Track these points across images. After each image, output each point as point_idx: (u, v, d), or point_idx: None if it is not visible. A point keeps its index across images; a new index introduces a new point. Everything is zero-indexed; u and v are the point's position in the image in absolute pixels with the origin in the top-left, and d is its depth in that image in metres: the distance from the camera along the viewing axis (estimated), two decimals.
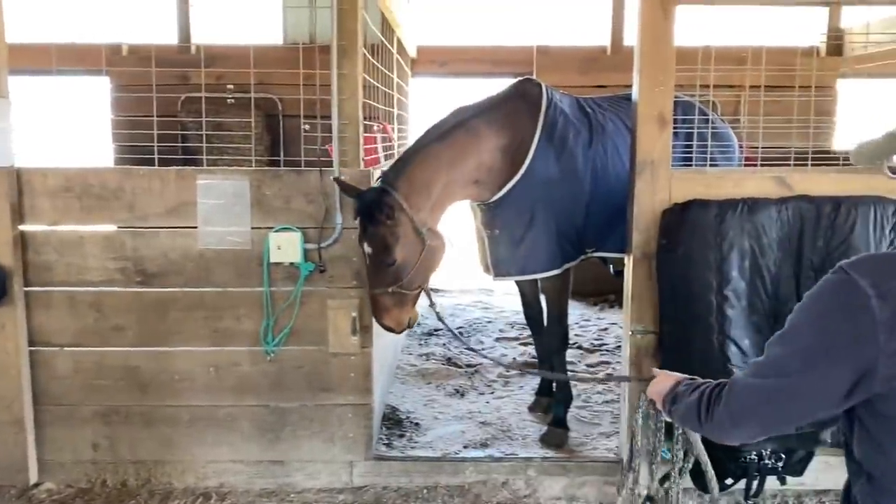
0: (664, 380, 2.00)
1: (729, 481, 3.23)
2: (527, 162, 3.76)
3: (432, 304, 3.69)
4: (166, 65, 4.75)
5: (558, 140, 3.84)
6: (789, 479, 3.38)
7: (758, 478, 3.29)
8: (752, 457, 3.27)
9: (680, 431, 2.40)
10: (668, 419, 2.06)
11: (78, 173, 3.64)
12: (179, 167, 3.70)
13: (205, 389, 3.71)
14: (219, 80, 6.13)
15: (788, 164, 3.66)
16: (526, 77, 4.13)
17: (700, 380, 1.87)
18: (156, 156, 3.72)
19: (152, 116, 3.72)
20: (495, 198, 3.81)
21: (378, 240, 3.39)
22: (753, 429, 1.62)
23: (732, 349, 3.30)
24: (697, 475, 2.59)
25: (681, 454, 2.45)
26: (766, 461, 3.31)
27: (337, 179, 3.46)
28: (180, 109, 6.36)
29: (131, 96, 4.68)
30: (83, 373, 3.70)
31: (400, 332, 3.65)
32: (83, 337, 3.68)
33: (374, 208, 3.35)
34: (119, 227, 3.65)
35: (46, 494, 3.69)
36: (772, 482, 3.35)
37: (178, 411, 3.73)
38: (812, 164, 3.62)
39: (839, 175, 3.53)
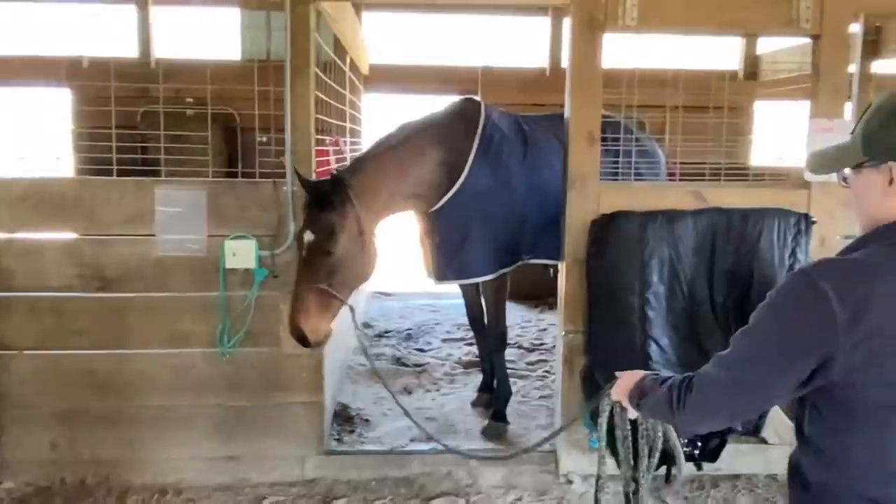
0: (628, 378, 2.04)
1: None
2: (463, 176, 4.04)
3: (357, 326, 3.86)
4: (127, 78, 4.88)
5: (493, 155, 4.12)
6: (705, 465, 3.69)
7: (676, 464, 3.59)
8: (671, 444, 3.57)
9: (644, 427, 2.35)
10: (636, 413, 2.07)
11: (38, 183, 3.78)
12: (138, 178, 3.85)
13: (163, 390, 3.85)
14: (178, 94, 6.27)
15: (705, 179, 4.01)
16: (467, 96, 4.42)
17: (665, 374, 1.93)
18: (114, 166, 3.86)
19: (111, 129, 3.85)
20: (434, 208, 4.09)
21: (324, 224, 3.50)
22: (722, 417, 1.71)
23: (653, 347, 3.62)
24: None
25: (646, 450, 2.40)
26: (684, 448, 3.61)
27: (296, 170, 3.60)
28: (140, 122, 6.47)
29: (93, 109, 4.80)
30: (42, 375, 3.81)
31: (315, 346, 3.54)
32: (42, 340, 3.79)
33: (329, 192, 3.53)
34: (79, 236, 3.79)
35: (6, 493, 3.78)
36: (689, 468, 3.66)
37: (136, 411, 3.86)
38: (724, 179, 3.97)
39: (749, 189, 3.90)
